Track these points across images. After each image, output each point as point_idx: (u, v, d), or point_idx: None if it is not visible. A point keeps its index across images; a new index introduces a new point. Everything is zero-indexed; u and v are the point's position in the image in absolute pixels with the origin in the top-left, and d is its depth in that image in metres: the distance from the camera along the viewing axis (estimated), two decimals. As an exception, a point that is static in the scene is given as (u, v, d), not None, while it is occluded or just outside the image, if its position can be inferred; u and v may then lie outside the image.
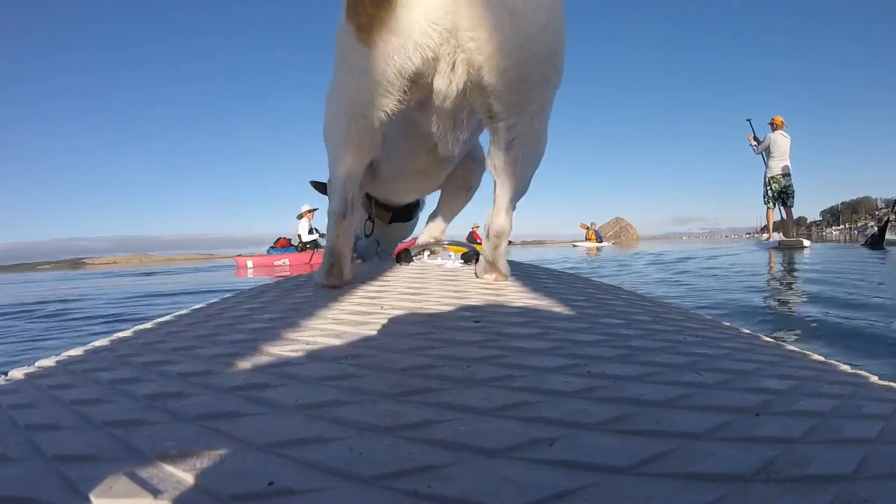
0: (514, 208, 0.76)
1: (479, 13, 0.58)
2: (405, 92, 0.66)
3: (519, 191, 0.74)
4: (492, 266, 0.78)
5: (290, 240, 9.01)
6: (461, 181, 1.05)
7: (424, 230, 1.15)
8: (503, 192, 0.73)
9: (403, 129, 0.80)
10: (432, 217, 1.13)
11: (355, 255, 1.13)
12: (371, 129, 0.70)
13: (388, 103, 0.67)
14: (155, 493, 0.24)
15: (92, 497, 0.24)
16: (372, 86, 0.66)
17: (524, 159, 0.71)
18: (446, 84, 0.64)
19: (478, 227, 9.27)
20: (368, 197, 1.14)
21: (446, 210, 1.12)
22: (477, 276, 0.80)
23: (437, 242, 1.13)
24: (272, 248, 9.06)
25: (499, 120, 0.68)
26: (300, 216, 8.78)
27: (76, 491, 0.25)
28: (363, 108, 0.69)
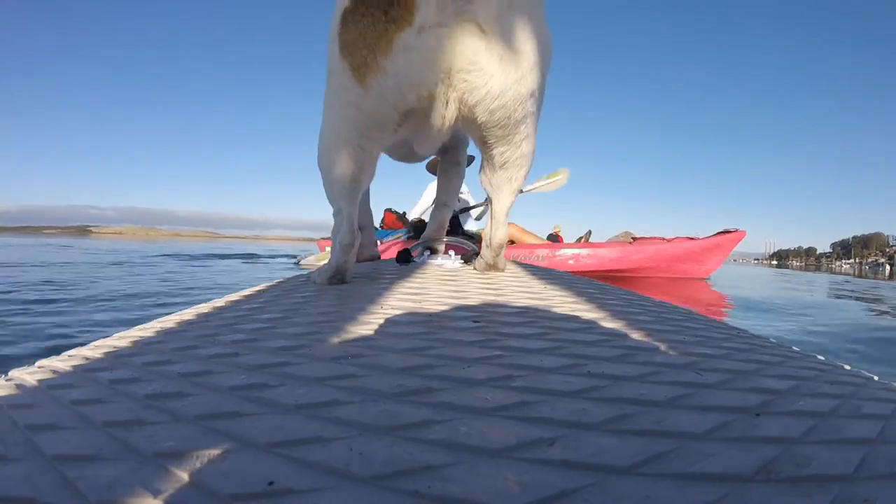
0: (507, 217, 0.85)
1: (472, 56, 0.62)
2: (400, 125, 0.70)
3: (511, 203, 0.83)
4: (491, 266, 0.88)
5: (402, 216, 4.86)
6: (450, 156, 1.11)
7: (429, 225, 1.17)
8: (500, 207, 0.82)
9: None
10: (437, 207, 1.15)
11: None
12: (371, 158, 0.75)
13: (386, 136, 0.72)
14: (155, 493, 0.24)
15: (92, 497, 0.24)
16: (369, 122, 0.69)
17: (516, 178, 0.79)
18: (440, 120, 0.68)
19: (559, 228, 6.14)
20: None
21: (444, 193, 1.15)
22: (475, 270, 0.90)
23: (438, 241, 1.13)
24: (378, 228, 4.88)
25: (491, 148, 0.74)
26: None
27: (76, 491, 0.25)
28: (362, 141, 0.72)
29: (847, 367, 0.48)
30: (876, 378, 0.44)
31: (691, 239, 4.52)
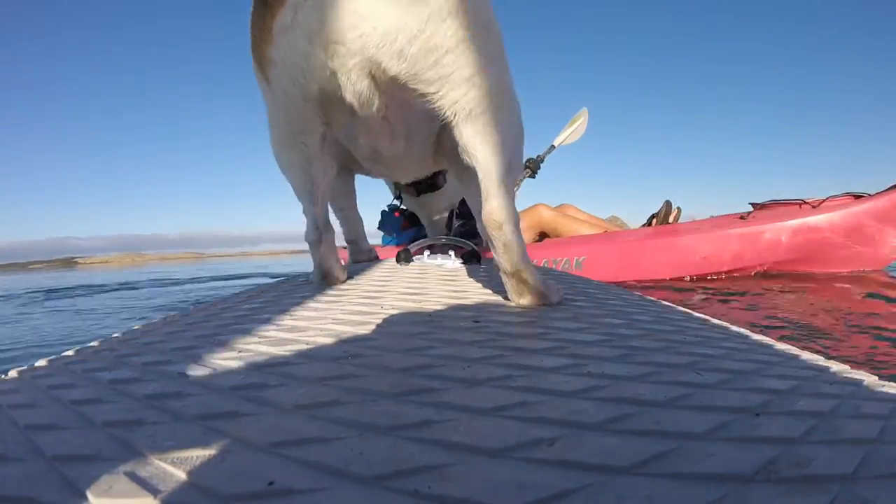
0: (509, 190, 0.62)
1: (352, 9, 0.54)
2: (324, 112, 0.65)
3: (504, 166, 0.61)
4: (518, 281, 0.62)
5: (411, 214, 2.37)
6: (457, 163, 0.82)
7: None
8: (485, 174, 0.61)
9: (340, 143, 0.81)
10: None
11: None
12: (315, 154, 0.70)
13: (316, 127, 0.67)
14: (155, 493, 0.24)
15: (92, 497, 0.24)
16: (289, 117, 0.66)
17: (492, 129, 0.60)
18: (357, 96, 0.60)
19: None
20: None
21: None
22: (512, 302, 0.63)
23: (437, 239, 1.13)
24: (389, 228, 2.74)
25: (436, 100, 0.59)
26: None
27: (76, 491, 0.25)
28: (298, 136, 0.68)
29: (847, 367, 0.48)
30: (876, 378, 0.44)
31: (857, 197, 2.31)
